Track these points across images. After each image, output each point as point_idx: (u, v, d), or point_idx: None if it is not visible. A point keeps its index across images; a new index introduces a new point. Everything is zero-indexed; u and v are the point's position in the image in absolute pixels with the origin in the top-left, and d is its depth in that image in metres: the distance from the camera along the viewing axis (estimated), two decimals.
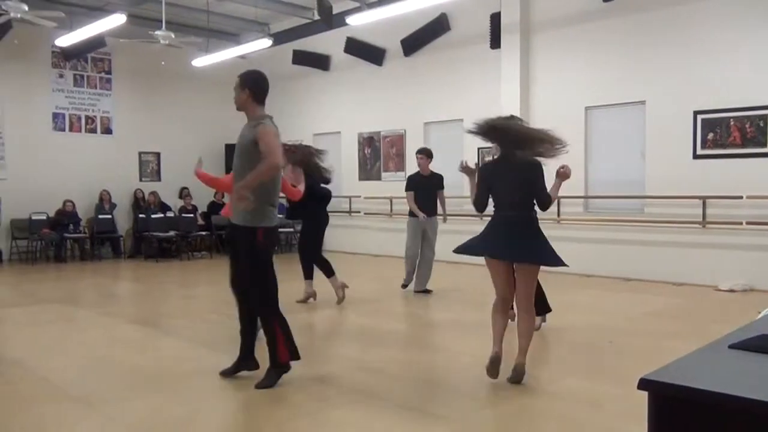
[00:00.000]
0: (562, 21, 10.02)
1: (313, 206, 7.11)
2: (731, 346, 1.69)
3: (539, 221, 4.29)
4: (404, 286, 8.23)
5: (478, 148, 10.41)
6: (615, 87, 9.40)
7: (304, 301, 7.36)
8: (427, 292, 8.01)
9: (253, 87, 4.19)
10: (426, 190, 7.97)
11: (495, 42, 10.57)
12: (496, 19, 10.52)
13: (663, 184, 8.91)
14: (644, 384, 1.43)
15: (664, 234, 8.94)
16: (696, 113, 8.60)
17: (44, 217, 12.35)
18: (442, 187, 8.05)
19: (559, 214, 9.83)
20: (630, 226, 9.25)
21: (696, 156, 8.64)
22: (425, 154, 8.05)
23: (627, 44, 9.29)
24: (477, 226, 4.83)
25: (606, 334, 5.75)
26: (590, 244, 9.60)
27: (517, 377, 4.19)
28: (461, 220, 9.26)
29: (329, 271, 7.29)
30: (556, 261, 4.15)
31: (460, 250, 4.30)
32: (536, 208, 4.32)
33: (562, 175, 4.43)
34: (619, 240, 9.37)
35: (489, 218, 4.38)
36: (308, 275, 7.38)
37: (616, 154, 9.56)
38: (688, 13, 8.69)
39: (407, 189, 8.08)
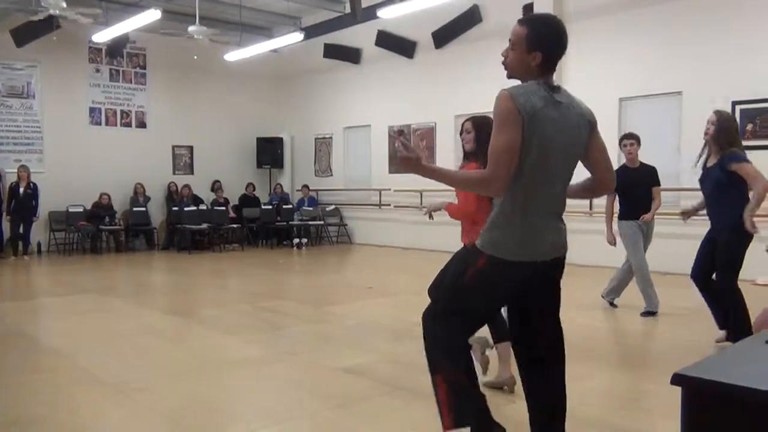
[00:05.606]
0: (596, 11, 9.85)
1: None
2: None
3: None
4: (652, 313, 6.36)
5: None
6: (650, 78, 9.22)
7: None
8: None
9: (548, 50, 2.52)
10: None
11: None
12: (528, 10, 10.39)
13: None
14: (677, 379, 1.40)
15: (703, 227, 8.69)
16: (734, 103, 8.39)
17: (81, 210, 12.63)
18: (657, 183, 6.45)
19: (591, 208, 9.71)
20: (664, 219, 9.05)
21: None
22: (635, 139, 6.37)
23: (662, 33, 9.10)
24: None
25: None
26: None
27: None
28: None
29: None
30: None
31: None
32: None
33: None
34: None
35: None
36: None
37: (651, 146, 9.34)
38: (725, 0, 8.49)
39: None
